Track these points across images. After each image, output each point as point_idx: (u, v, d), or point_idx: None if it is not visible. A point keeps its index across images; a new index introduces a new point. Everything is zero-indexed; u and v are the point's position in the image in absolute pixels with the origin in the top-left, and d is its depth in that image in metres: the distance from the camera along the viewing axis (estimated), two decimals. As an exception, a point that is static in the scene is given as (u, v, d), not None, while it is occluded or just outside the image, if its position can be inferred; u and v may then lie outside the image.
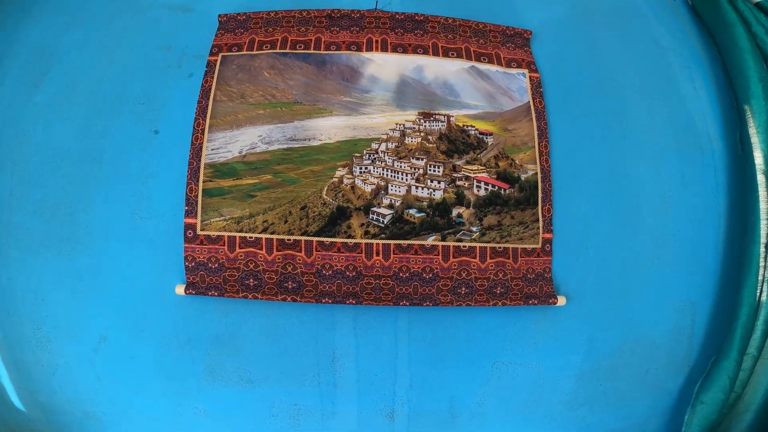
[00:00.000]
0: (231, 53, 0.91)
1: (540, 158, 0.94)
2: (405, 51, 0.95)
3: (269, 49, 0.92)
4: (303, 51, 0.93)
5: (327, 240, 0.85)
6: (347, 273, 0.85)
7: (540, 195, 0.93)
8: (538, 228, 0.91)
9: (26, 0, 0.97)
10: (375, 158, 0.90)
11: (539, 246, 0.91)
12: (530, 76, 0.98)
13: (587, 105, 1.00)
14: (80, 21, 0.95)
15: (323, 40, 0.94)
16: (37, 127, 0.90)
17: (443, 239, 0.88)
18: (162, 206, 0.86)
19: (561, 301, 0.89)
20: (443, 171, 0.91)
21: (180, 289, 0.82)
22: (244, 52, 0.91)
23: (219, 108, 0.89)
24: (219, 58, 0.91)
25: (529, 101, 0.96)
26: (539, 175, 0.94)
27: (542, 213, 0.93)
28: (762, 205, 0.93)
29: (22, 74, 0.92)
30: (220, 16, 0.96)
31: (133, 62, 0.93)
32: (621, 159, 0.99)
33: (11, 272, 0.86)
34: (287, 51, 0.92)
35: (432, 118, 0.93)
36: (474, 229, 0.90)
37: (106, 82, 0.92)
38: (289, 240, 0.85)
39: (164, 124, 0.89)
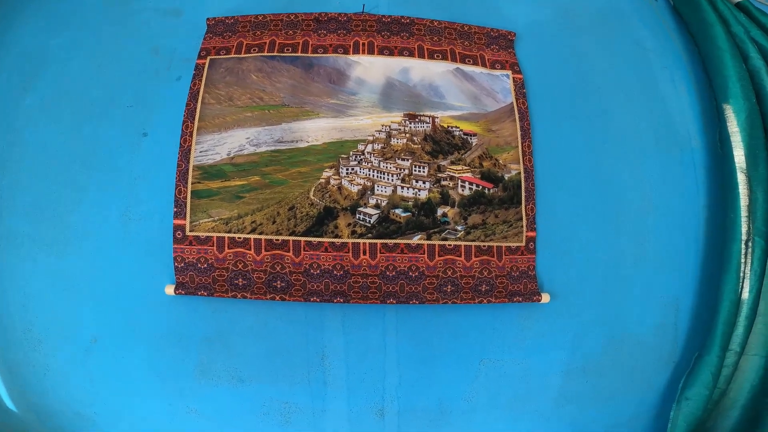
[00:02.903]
0: (219, 56, 0.92)
1: (523, 158, 0.96)
2: (391, 53, 0.96)
3: (257, 53, 0.93)
4: (290, 54, 0.93)
5: (315, 240, 0.86)
6: (335, 272, 0.86)
7: (523, 194, 0.94)
8: (522, 227, 0.92)
9: (16, 3, 0.98)
10: (361, 159, 0.91)
11: (523, 244, 0.92)
12: (514, 78, 0.99)
13: (570, 106, 1.01)
14: (70, 24, 0.96)
15: (311, 43, 0.95)
16: (27, 130, 0.90)
17: (429, 238, 0.89)
18: (151, 208, 0.87)
19: (545, 298, 0.90)
20: (428, 171, 0.92)
21: (170, 289, 0.82)
22: (232, 56, 0.92)
23: (207, 110, 0.89)
24: (207, 62, 0.91)
25: (512, 102, 0.97)
26: (522, 175, 0.95)
27: (526, 212, 0.94)
28: (742, 203, 0.94)
29: (11, 77, 0.93)
30: (208, 19, 0.96)
31: (122, 65, 0.93)
32: (603, 159, 1.00)
33: (2, 274, 0.86)
34: (275, 54, 0.93)
35: (417, 120, 0.94)
36: (459, 228, 0.91)
37: (95, 85, 0.92)
38: (277, 240, 0.86)
39: (153, 126, 0.90)
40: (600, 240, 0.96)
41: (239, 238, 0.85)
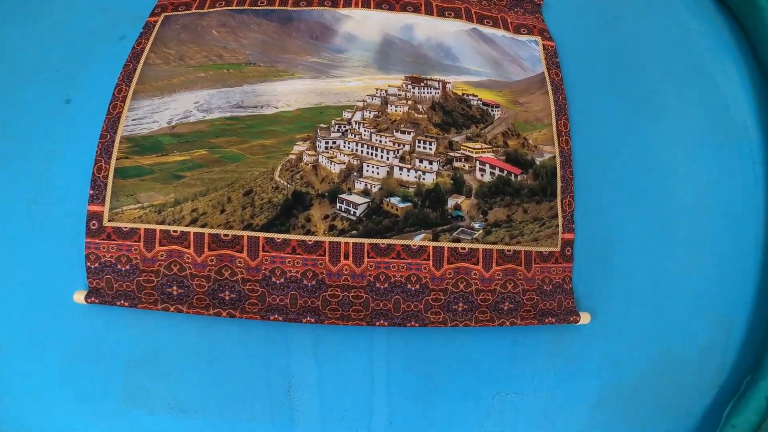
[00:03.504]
0: (176, 12, 0.77)
1: (559, 139, 0.77)
2: (391, 8, 0.80)
3: (224, 6, 0.77)
4: (266, 7, 0.78)
5: (278, 237, 0.65)
6: (305, 282, 0.66)
7: (559, 184, 0.75)
8: (557, 226, 0.74)
9: None
10: (347, 130, 0.72)
11: (558, 249, 0.74)
12: (544, 44, 0.83)
13: (611, 82, 0.87)
14: None
15: None
16: None
17: (435, 238, 0.69)
18: (65, 191, 0.69)
19: (584, 318, 0.73)
20: (437, 148, 0.73)
21: (79, 296, 0.64)
22: (193, 11, 0.77)
23: (150, 72, 0.72)
24: (161, 18, 0.76)
25: (543, 72, 0.81)
26: (558, 159, 0.76)
27: (562, 207, 0.75)
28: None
29: None
30: (169, -30, 0.81)
31: (62, 27, 0.80)
32: (652, 146, 0.85)
33: None
34: (245, 8, 0.77)
35: (423, 84, 0.76)
36: (476, 225, 0.70)
37: (29, 50, 0.78)
38: (226, 236, 0.65)
39: (79, 91, 0.74)
40: (648, 245, 0.81)
41: (175, 231, 0.65)
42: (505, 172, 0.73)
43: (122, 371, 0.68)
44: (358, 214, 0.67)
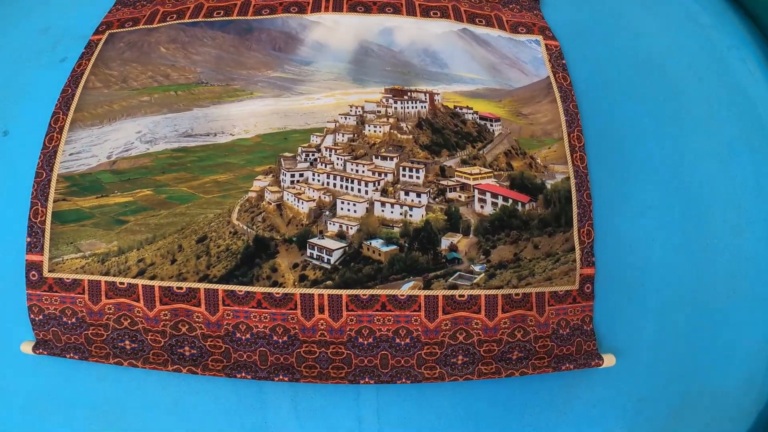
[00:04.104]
0: (123, 29, 0.69)
1: (572, 156, 0.66)
2: (368, 10, 0.69)
3: (175, 19, 0.69)
4: (222, 18, 0.68)
5: (240, 289, 0.57)
6: (274, 338, 0.57)
7: (576, 211, 0.64)
8: (574, 261, 0.64)
9: None
10: (316, 159, 0.62)
11: (576, 287, 0.64)
12: (546, 44, 0.72)
13: (627, 85, 0.76)
14: None
15: (252, 2, 0.70)
16: None
17: (427, 286, 0.58)
18: (2, 237, 0.63)
19: (608, 361, 0.66)
20: (426, 176, 0.62)
21: (27, 347, 0.60)
22: (141, 27, 0.69)
23: (89, 97, 0.63)
24: (105, 37, 0.69)
25: (548, 76, 0.69)
26: (573, 181, 0.65)
27: (580, 238, 0.65)
28: None
29: None
30: (117, -14, 0.73)
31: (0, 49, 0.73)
32: (682, 156, 0.75)
33: None
34: (199, 20, 0.68)
35: (406, 97, 0.65)
36: (476, 268, 0.60)
37: None
38: (179, 289, 0.57)
39: (16, 122, 0.68)
40: (682, 273, 0.72)
41: (121, 283, 0.57)
42: (510, 200, 0.61)
43: (86, 422, 0.62)
44: (333, 262, 0.57)
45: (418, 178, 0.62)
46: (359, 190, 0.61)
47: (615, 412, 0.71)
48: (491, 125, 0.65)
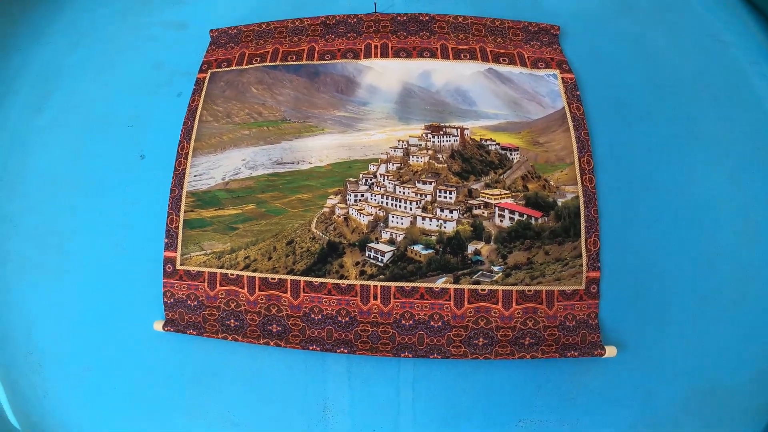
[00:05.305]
0: (220, 69, 0.86)
1: (582, 177, 0.76)
2: (409, 55, 0.82)
3: (259, 63, 0.85)
4: (294, 62, 0.84)
5: (316, 280, 0.74)
6: (339, 318, 0.73)
7: (583, 224, 0.75)
8: (581, 265, 0.74)
9: (41, 21, 0.99)
10: (373, 183, 0.78)
11: (582, 287, 0.74)
12: (563, 77, 0.81)
13: (641, 109, 0.82)
14: (85, 40, 0.95)
15: (317, 49, 0.85)
16: (37, 151, 0.89)
17: (456, 281, 0.73)
18: (144, 237, 0.81)
19: (610, 351, 0.73)
20: (456, 197, 0.76)
21: (158, 325, 0.77)
22: (233, 68, 0.85)
23: (204, 129, 0.82)
24: (208, 75, 0.85)
25: (563, 107, 0.79)
26: (582, 199, 0.75)
27: (587, 246, 0.75)
28: None
29: (29, 97, 0.93)
30: (211, 31, 0.90)
31: (126, 82, 0.90)
32: (691, 173, 0.80)
33: (7, 297, 0.86)
34: (278, 63, 0.84)
35: (442, 132, 0.79)
36: (496, 268, 0.73)
37: (100, 104, 0.90)
38: (273, 279, 0.75)
39: (151, 147, 0.85)
40: (689, 276, 0.78)
41: (232, 275, 0.76)
42: (526, 216, 0.74)
43: (186, 390, 0.78)
44: (385, 261, 0.74)
45: (450, 198, 0.76)
46: (405, 207, 0.76)
47: (622, 401, 0.77)
48: (511, 154, 0.77)
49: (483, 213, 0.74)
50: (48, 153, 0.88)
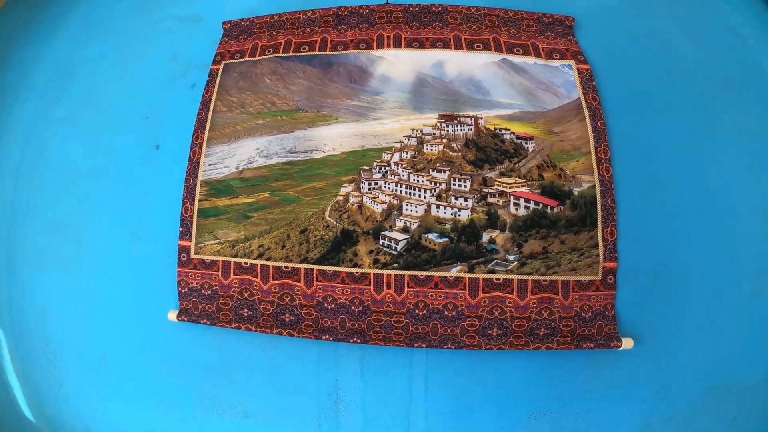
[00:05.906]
0: (233, 60, 0.87)
1: (599, 167, 0.76)
2: (422, 46, 0.82)
3: (272, 54, 0.86)
4: (307, 53, 0.85)
5: (329, 269, 0.74)
6: (352, 307, 0.73)
7: (600, 214, 0.74)
8: (598, 255, 0.73)
9: (56, 15, 1.00)
10: (387, 171, 0.78)
11: (599, 278, 0.73)
12: (578, 68, 0.81)
13: (657, 99, 0.82)
14: (98, 34, 0.96)
15: (329, 40, 0.85)
16: (54, 143, 0.91)
17: (471, 270, 0.73)
18: (159, 226, 0.82)
19: (626, 344, 0.72)
20: (471, 185, 0.76)
21: (172, 315, 0.78)
22: (246, 59, 0.86)
23: (218, 119, 0.83)
24: (221, 67, 0.86)
25: (579, 97, 0.79)
26: (598, 188, 0.75)
27: (603, 236, 0.74)
28: None
29: (45, 90, 0.95)
30: (224, 23, 0.91)
31: (141, 74, 0.92)
32: (710, 165, 0.79)
33: (24, 288, 0.88)
34: (290, 54, 0.85)
35: (456, 122, 0.78)
36: (511, 257, 0.73)
37: (116, 96, 0.91)
38: (286, 268, 0.75)
39: (165, 137, 0.86)
40: (707, 270, 0.77)
41: (245, 263, 0.76)
42: (541, 205, 0.73)
43: (200, 379, 0.79)
44: (399, 249, 0.73)
45: (465, 186, 0.76)
46: (420, 196, 0.76)
47: (636, 395, 0.76)
48: (526, 143, 0.77)
49: (498, 201, 0.74)
50: (64, 145, 0.90)
